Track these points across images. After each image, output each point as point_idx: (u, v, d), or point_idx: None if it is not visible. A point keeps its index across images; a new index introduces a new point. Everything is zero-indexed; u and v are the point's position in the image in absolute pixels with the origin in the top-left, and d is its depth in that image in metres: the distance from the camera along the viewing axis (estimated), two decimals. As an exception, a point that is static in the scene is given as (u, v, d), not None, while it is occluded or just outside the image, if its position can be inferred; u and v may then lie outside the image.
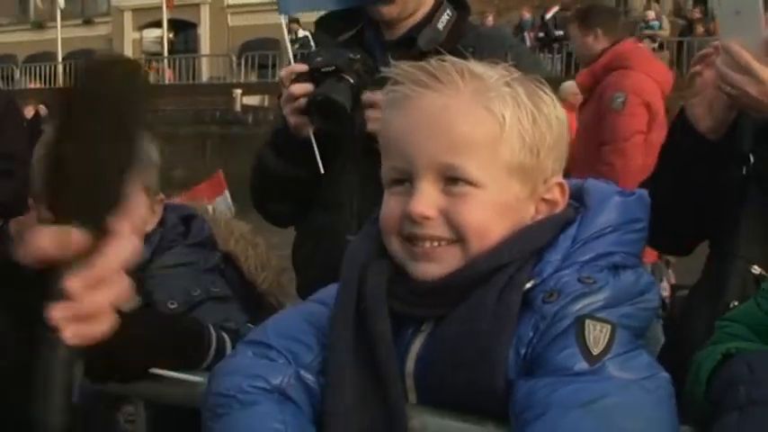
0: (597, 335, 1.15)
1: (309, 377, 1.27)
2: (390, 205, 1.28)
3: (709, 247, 1.95)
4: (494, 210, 1.24)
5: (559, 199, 1.29)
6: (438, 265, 1.24)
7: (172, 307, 1.75)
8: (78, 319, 0.79)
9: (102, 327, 0.81)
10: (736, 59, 1.69)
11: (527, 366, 1.18)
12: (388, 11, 2.09)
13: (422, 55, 1.77)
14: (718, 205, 1.82)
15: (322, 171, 2.05)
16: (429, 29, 2.09)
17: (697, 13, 18.56)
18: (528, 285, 1.20)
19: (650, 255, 3.83)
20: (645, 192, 1.32)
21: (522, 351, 1.18)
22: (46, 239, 0.78)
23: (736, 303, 1.73)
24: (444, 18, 2.12)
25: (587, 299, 1.17)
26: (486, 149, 1.23)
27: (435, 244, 1.24)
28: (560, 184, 1.29)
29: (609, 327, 1.16)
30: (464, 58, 1.30)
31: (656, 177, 1.88)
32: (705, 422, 1.21)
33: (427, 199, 1.23)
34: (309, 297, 1.43)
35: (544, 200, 1.28)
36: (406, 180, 1.26)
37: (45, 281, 0.79)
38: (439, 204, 1.23)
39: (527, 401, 1.13)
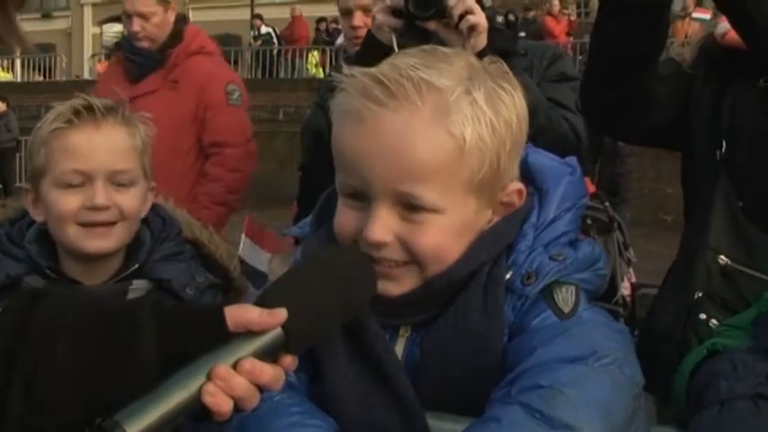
0: (565, 296, 1.23)
1: (290, 376, 1.22)
2: (346, 218, 1.24)
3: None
4: (452, 231, 1.21)
5: (516, 201, 1.28)
6: (396, 284, 1.22)
7: (190, 293, 1.73)
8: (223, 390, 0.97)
9: (228, 406, 0.97)
10: None
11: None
12: None
13: None
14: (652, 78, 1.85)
15: None
16: None
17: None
18: (507, 276, 1.23)
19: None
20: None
21: (506, 334, 1.21)
22: (255, 314, 1.00)
23: (700, 295, 1.74)
24: None
25: (561, 274, 1.24)
26: (445, 173, 1.18)
27: (393, 264, 1.22)
28: (519, 191, 1.27)
29: (573, 287, 1.24)
30: None
31: (598, 26, 1.89)
32: (684, 420, 1.22)
33: (384, 225, 1.19)
34: None
35: (501, 202, 1.27)
36: (362, 196, 1.22)
37: (221, 339, 0.99)
38: (395, 230, 1.20)
39: (514, 359, 1.17)
